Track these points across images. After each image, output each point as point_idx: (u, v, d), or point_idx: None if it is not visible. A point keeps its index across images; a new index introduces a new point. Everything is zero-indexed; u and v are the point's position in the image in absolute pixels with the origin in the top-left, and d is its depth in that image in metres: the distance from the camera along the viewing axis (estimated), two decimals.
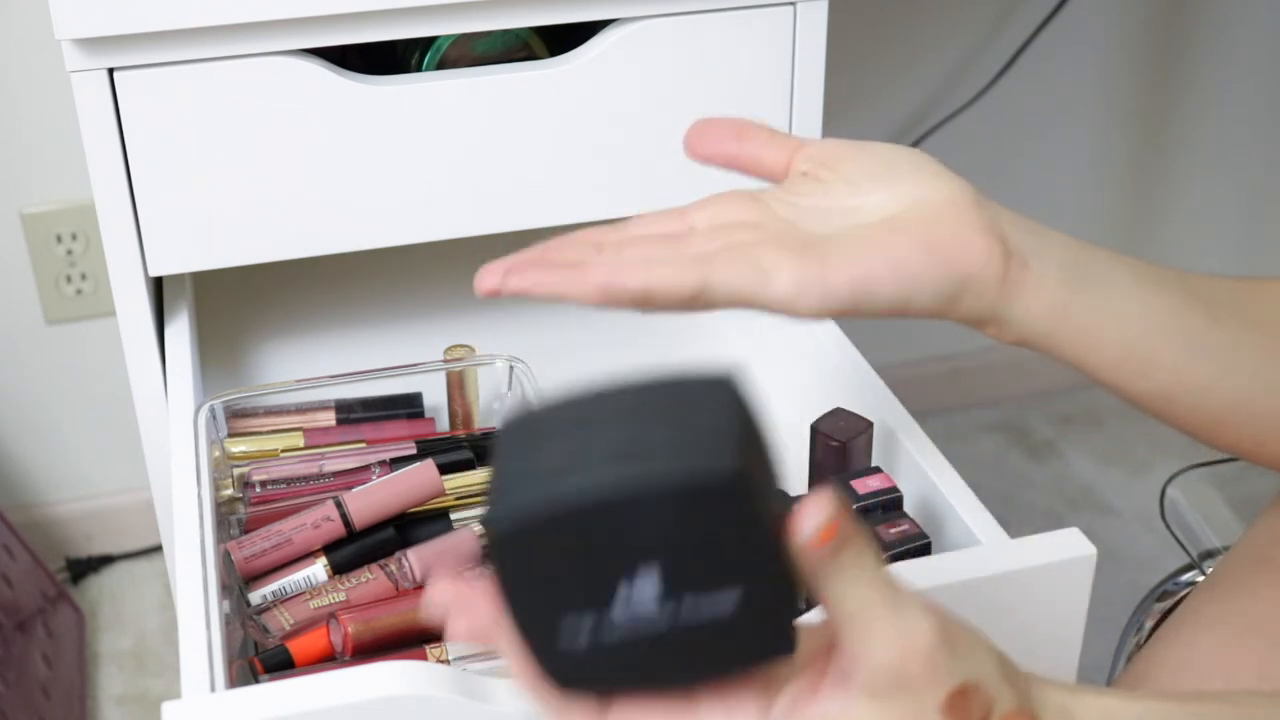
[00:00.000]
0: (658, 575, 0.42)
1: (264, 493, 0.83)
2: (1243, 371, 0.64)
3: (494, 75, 0.90)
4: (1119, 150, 1.73)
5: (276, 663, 0.73)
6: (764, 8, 0.92)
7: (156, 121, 0.85)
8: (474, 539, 0.79)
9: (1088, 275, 0.62)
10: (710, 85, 0.93)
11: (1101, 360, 0.63)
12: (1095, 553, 0.68)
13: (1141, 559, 1.58)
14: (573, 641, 0.43)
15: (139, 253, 0.88)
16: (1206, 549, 0.97)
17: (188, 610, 0.69)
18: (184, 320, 0.94)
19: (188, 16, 0.82)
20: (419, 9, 0.86)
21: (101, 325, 1.47)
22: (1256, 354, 0.64)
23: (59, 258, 1.43)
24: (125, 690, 1.45)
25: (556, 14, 0.89)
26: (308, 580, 0.78)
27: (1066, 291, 0.61)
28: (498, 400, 0.92)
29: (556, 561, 0.42)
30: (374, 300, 1.08)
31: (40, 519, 1.55)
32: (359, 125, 0.89)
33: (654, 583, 0.42)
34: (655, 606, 0.42)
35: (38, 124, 1.36)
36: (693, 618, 0.43)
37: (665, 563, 0.41)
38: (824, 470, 0.81)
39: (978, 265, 0.59)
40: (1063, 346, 0.62)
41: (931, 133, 1.60)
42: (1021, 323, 0.61)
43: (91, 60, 0.83)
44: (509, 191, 0.93)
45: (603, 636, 0.42)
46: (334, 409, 0.92)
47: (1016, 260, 0.60)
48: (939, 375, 1.78)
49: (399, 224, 0.92)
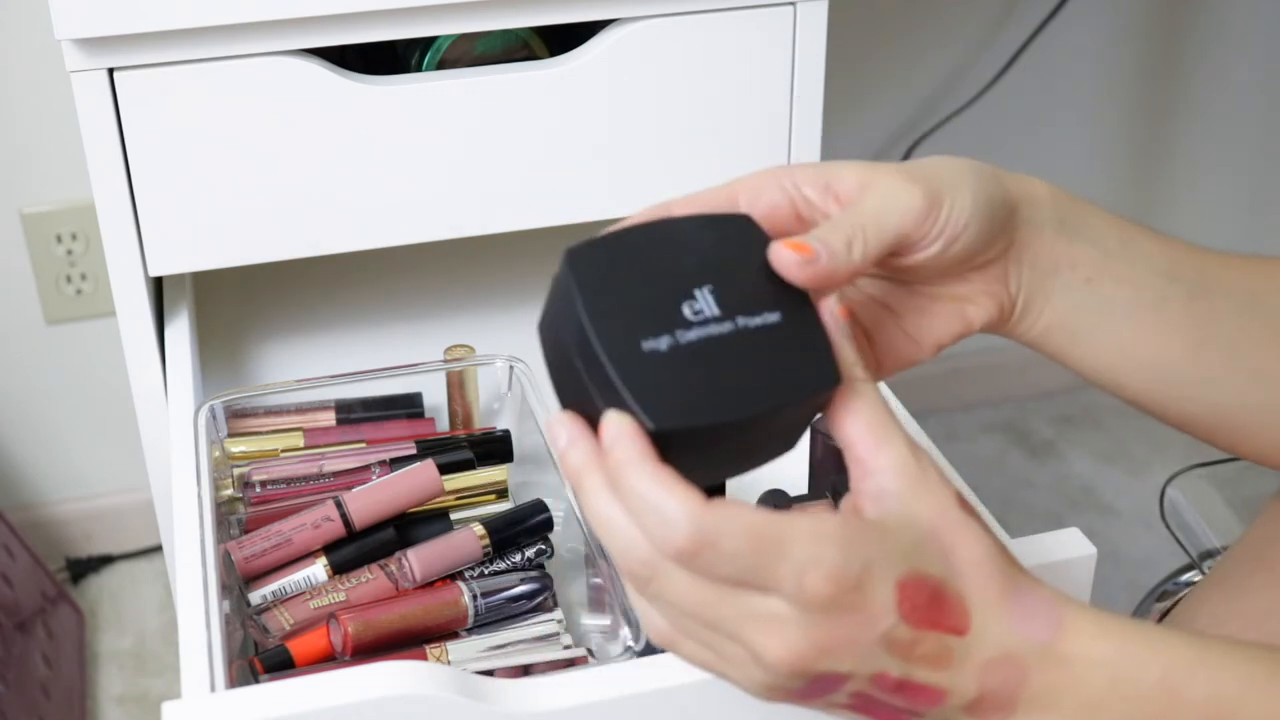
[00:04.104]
0: (710, 294, 0.52)
1: (264, 493, 0.83)
2: (1241, 365, 0.64)
3: (494, 75, 0.90)
4: (1119, 150, 1.73)
5: (276, 663, 0.73)
6: (764, 8, 0.92)
7: (156, 121, 0.85)
8: (474, 539, 0.79)
9: (1079, 326, 0.63)
10: (710, 85, 0.93)
11: (1092, 364, 0.65)
12: (1095, 553, 0.68)
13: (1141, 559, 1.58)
14: (655, 349, 0.51)
15: (139, 253, 0.88)
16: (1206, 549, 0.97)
17: (188, 610, 0.69)
18: (184, 320, 0.94)
19: (188, 16, 0.82)
20: (419, 9, 0.86)
21: (101, 325, 1.47)
22: (1256, 346, 0.65)
23: (59, 258, 1.43)
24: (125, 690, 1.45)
25: (556, 14, 0.89)
26: (308, 580, 0.78)
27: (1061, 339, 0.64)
28: (498, 400, 0.92)
29: (626, 283, 0.52)
30: (374, 300, 1.08)
31: (40, 519, 1.55)
32: (359, 125, 0.89)
33: (709, 300, 0.52)
34: (717, 312, 0.52)
35: (38, 124, 1.36)
36: (747, 325, 0.52)
37: (715, 285, 0.53)
38: (824, 470, 0.81)
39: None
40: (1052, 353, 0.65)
41: (931, 133, 1.61)
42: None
43: (91, 60, 0.83)
44: (509, 191, 0.93)
45: (680, 339, 0.51)
46: (334, 409, 0.92)
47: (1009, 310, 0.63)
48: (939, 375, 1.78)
49: (399, 224, 0.92)
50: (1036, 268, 0.62)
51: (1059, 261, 0.62)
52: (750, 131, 0.95)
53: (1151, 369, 0.64)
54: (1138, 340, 0.64)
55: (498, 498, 0.84)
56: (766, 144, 0.96)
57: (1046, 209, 0.63)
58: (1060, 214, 0.63)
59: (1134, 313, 0.63)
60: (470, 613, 0.76)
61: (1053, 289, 0.63)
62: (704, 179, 0.99)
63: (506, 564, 0.80)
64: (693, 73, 0.93)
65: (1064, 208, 0.63)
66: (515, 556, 0.80)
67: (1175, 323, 0.64)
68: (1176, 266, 0.64)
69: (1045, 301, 0.63)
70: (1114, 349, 0.64)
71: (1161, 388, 0.65)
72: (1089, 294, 0.63)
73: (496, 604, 0.77)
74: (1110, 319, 0.63)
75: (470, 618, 0.76)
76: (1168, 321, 0.64)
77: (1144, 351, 0.64)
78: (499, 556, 0.80)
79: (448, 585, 0.77)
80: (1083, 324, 0.64)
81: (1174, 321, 0.64)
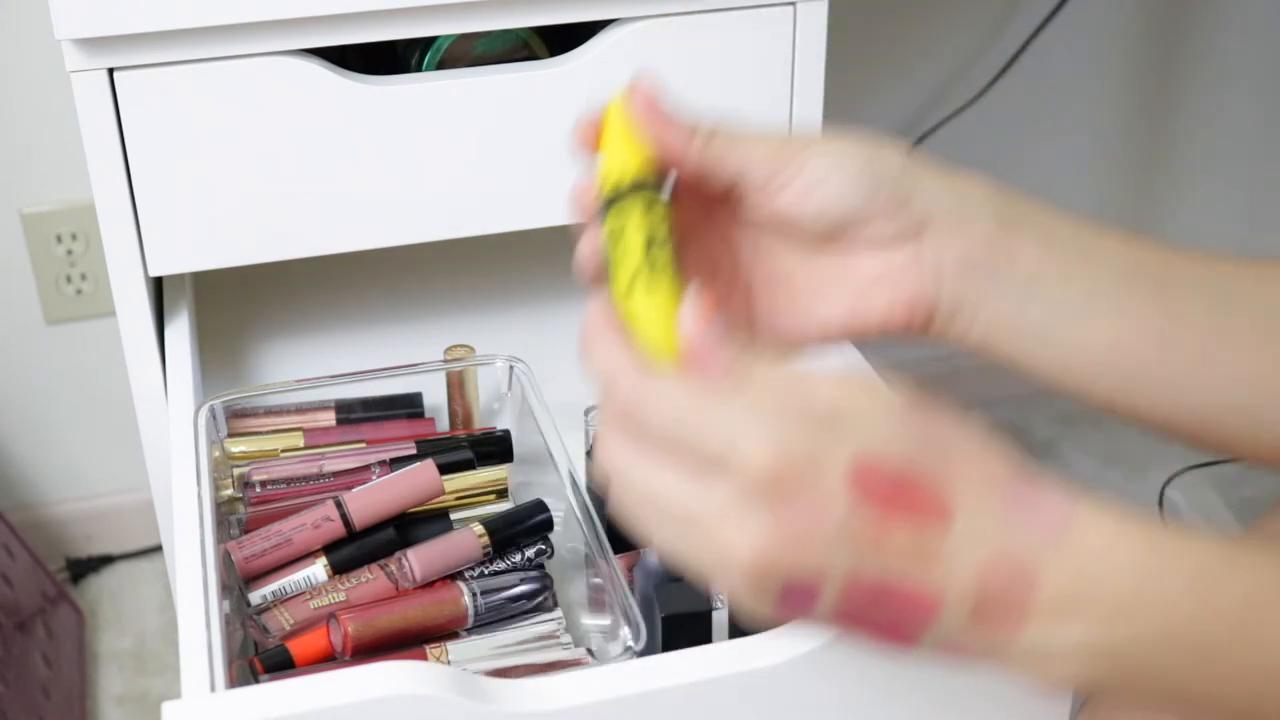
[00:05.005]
0: None
1: (264, 493, 0.83)
2: (1219, 367, 0.62)
3: (494, 75, 0.90)
4: (1119, 150, 1.73)
5: (276, 663, 0.73)
6: (764, 8, 0.92)
7: (156, 121, 0.85)
8: (474, 539, 0.79)
9: (1030, 328, 0.62)
10: (710, 85, 0.93)
11: (1048, 368, 0.63)
12: None
13: None
14: None
15: (139, 253, 0.88)
16: None
17: (188, 610, 0.69)
18: (184, 320, 0.94)
19: (188, 16, 0.82)
20: (419, 9, 0.86)
21: (101, 325, 1.47)
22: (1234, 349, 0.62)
23: (59, 258, 1.43)
24: (125, 690, 1.45)
25: (556, 14, 0.89)
26: (308, 580, 0.78)
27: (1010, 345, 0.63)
28: (498, 400, 0.92)
29: None
30: (374, 300, 1.08)
31: (40, 519, 1.55)
32: (359, 125, 0.89)
33: None
34: None
35: (38, 124, 1.36)
36: None
37: None
38: None
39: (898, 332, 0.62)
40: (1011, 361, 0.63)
41: (931, 133, 1.61)
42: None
43: (91, 60, 0.83)
44: (509, 191, 0.93)
45: None
46: (334, 409, 0.92)
47: (941, 317, 0.62)
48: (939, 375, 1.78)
49: (399, 224, 0.92)
50: (966, 264, 0.60)
51: (996, 258, 0.60)
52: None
53: (1117, 371, 0.61)
54: (1097, 340, 0.61)
55: (498, 498, 0.84)
56: None
57: (981, 204, 0.61)
58: (999, 210, 0.61)
59: (1090, 311, 0.61)
60: (470, 613, 0.76)
61: (988, 288, 0.61)
62: None
63: (506, 564, 0.80)
64: (693, 73, 0.93)
65: (1005, 204, 0.61)
66: (515, 556, 0.80)
67: (1139, 321, 0.61)
68: (1138, 263, 0.62)
69: (981, 301, 0.61)
70: (1071, 349, 0.61)
71: (1132, 390, 0.62)
72: (1033, 292, 0.61)
73: (496, 604, 0.77)
74: (1061, 318, 0.61)
75: (470, 618, 0.76)
76: (1131, 319, 0.61)
77: (1106, 351, 0.61)
78: (499, 556, 0.80)
79: (448, 585, 0.78)
80: (1028, 324, 0.61)
81: (1138, 319, 0.61)
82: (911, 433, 0.48)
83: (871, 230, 0.60)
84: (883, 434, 0.48)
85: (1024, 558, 0.48)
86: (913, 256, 0.61)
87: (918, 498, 0.47)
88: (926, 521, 0.47)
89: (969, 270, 0.61)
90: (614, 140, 0.60)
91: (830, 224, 0.60)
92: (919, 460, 0.48)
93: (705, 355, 0.49)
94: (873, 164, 0.60)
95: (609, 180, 0.59)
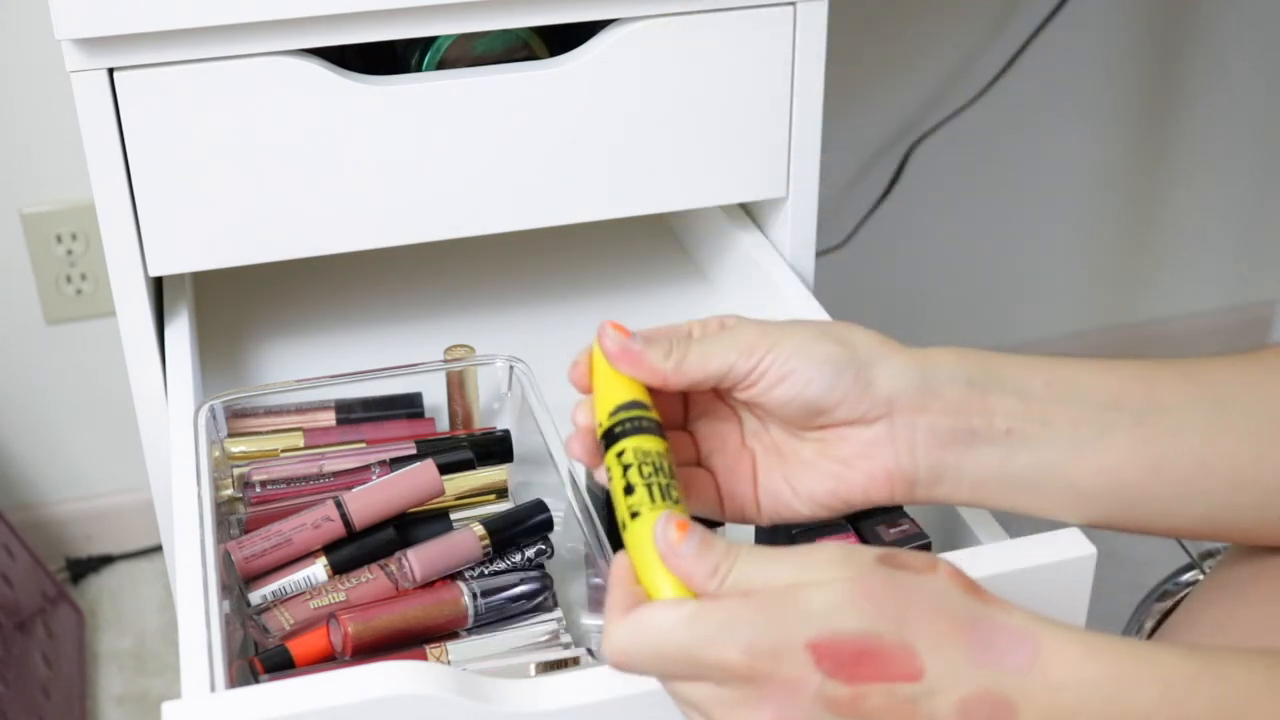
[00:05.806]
0: None
1: (264, 493, 0.83)
2: (1214, 473, 0.64)
3: (494, 75, 0.90)
4: (1119, 150, 1.73)
5: (276, 663, 0.73)
6: (764, 7, 0.92)
7: (156, 121, 0.85)
8: (474, 539, 0.79)
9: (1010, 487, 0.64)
10: (710, 85, 0.93)
11: (1044, 507, 0.66)
12: (1095, 553, 0.68)
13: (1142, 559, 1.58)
14: None
15: (139, 253, 0.88)
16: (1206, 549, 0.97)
17: (188, 610, 0.69)
18: (184, 320, 0.94)
19: (187, 16, 0.82)
20: (419, 9, 0.86)
21: (101, 325, 1.47)
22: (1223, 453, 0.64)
23: (59, 258, 1.43)
24: (125, 690, 1.45)
25: (556, 14, 0.89)
26: (308, 580, 0.78)
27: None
28: (498, 400, 0.92)
29: None
30: (374, 300, 1.08)
31: (40, 519, 1.55)
32: (359, 125, 0.89)
33: None
34: None
35: (38, 124, 1.36)
36: None
37: None
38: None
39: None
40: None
41: (932, 132, 1.61)
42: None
43: (91, 60, 0.83)
44: (509, 191, 0.93)
45: None
46: (334, 409, 0.92)
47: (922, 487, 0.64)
48: None
49: (399, 224, 0.92)
50: (938, 436, 0.63)
51: (971, 420, 0.63)
52: (750, 131, 0.95)
53: (1113, 500, 0.64)
54: (1085, 479, 0.64)
55: (498, 498, 0.84)
56: (766, 144, 0.96)
57: (950, 372, 0.64)
58: (967, 373, 0.64)
59: (1075, 453, 0.63)
60: (470, 613, 0.76)
61: (965, 452, 0.63)
62: (704, 179, 0.99)
63: (506, 564, 0.80)
64: (693, 72, 0.93)
65: (972, 366, 0.64)
66: (515, 556, 0.80)
67: (1127, 452, 0.63)
68: (1119, 395, 0.64)
69: (961, 465, 0.64)
70: (1062, 491, 0.64)
71: (1129, 513, 0.65)
72: (1013, 444, 0.63)
73: (496, 604, 0.77)
74: (1046, 465, 0.64)
75: (470, 618, 0.76)
76: (1117, 453, 0.64)
77: (1097, 487, 0.64)
78: (499, 556, 0.80)
79: (448, 585, 0.77)
80: (1015, 476, 0.64)
81: (1123, 449, 0.63)
82: (866, 606, 0.52)
83: (841, 413, 0.64)
84: (839, 613, 0.52)
85: (1002, 694, 0.51)
86: (885, 434, 0.64)
87: (882, 662, 0.51)
88: (897, 682, 0.51)
89: (942, 440, 0.63)
90: (602, 378, 0.64)
91: (800, 411, 0.64)
92: (877, 629, 0.52)
93: (685, 574, 0.55)
94: (836, 353, 0.63)
95: (602, 418, 0.63)
